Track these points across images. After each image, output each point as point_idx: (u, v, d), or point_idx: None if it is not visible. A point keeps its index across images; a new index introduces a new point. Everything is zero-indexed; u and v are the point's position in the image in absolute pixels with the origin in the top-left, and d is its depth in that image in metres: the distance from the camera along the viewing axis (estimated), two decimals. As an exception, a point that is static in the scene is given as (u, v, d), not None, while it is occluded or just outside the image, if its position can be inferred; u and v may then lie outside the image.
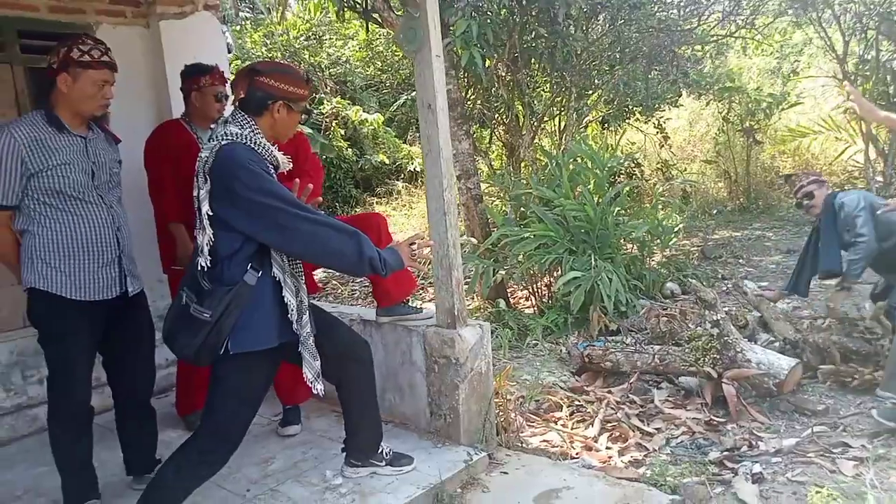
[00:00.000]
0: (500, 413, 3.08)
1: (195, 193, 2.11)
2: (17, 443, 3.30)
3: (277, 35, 9.94)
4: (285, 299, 2.13)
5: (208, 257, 2.08)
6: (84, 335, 2.37)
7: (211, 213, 2.04)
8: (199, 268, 2.10)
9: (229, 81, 3.01)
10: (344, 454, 2.67)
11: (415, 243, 2.30)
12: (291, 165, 2.32)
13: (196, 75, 3.24)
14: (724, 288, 5.54)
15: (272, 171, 2.14)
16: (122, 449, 2.67)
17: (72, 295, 2.33)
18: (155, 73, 3.79)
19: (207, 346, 2.05)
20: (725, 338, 3.46)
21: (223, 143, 2.06)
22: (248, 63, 2.26)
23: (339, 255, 2.08)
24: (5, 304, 3.37)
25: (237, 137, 2.07)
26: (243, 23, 10.91)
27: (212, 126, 3.34)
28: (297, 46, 9.83)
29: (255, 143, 2.09)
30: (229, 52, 10.16)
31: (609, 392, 3.68)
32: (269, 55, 9.64)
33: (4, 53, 3.34)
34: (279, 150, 2.23)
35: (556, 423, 3.38)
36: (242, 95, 2.16)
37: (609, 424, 3.33)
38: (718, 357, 3.45)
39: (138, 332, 2.56)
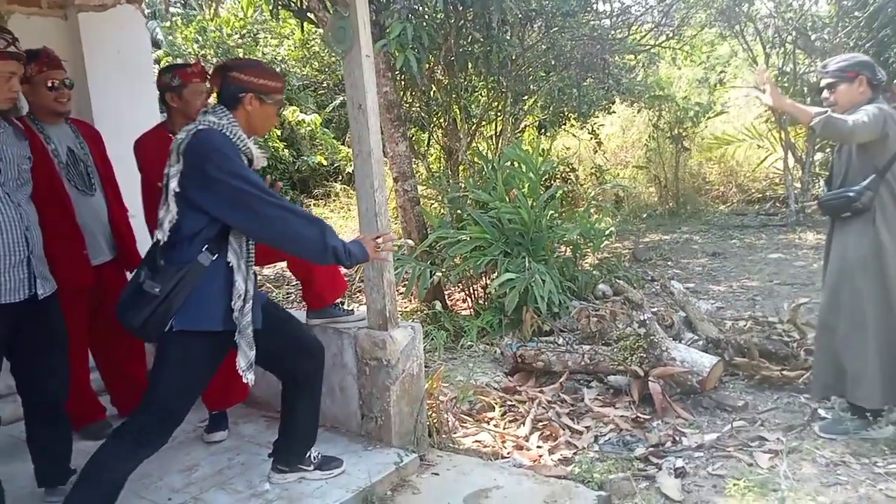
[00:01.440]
0: (433, 414, 3.08)
1: (165, 171, 2.16)
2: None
3: (210, 32, 9.68)
4: (236, 284, 2.16)
5: (167, 233, 2.13)
6: None
7: (178, 191, 2.09)
8: (156, 243, 2.17)
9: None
10: (271, 460, 2.62)
11: (380, 237, 2.38)
12: (265, 162, 2.37)
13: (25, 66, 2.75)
14: (654, 289, 5.71)
15: (245, 162, 2.20)
16: (33, 459, 2.52)
17: None
18: (73, 67, 3.60)
19: (154, 320, 2.11)
20: (651, 337, 3.56)
21: (200, 127, 2.13)
22: (221, 61, 2.43)
23: (303, 241, 2.15)
24: None
25: (214, 125, 2.15)
26: (173, 18, 10.59)
27: (66, 121, 3.05)
28: (231, 44, 9.58)
29: (230, 132, 2.17)
30: (159, 48, 9.85)
31: (541, 392, 3.73)
32: (202, 52, 9.37)
33: None
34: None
35: (488, 423, 3.41)
36: (216, 91, 2.25)
37: (540, 424, 3.38)
38: (645, 356, 3.56)
39: (50, 336, 2.42)
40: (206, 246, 2.12)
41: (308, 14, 5.55)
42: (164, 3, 11.20)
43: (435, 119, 7.28)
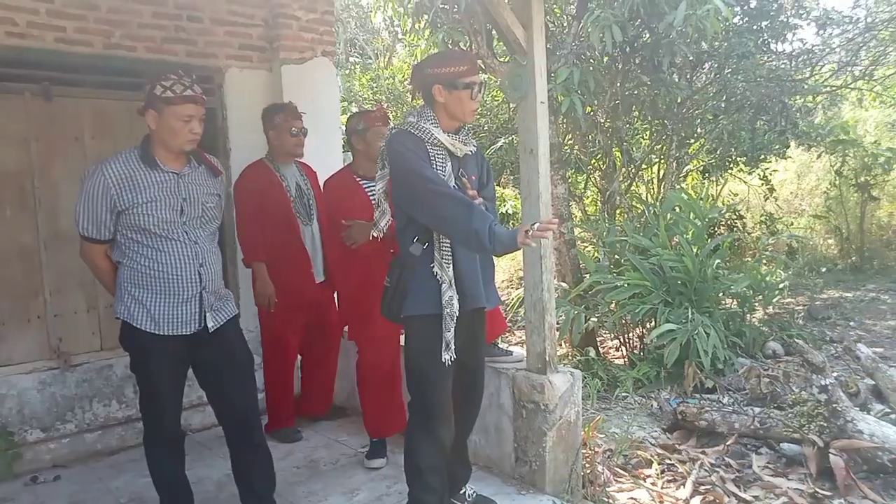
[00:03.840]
0: (587, 465, 3.01)
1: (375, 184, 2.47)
2: (125, 452, 3.48)
3: (383, 79, 10.37)
4: (433, 269, 2.29)
5: (382, 231, 2.45)
6: (166, 366, 2.37)
7: (385, 191, 2.41)
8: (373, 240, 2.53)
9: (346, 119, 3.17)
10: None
11: (536, 223, 2.14)
12: (473, 148, 2.45)
13: (271, 114, 3.45)
14: (833, 351, 5.19)
15: (437, 153, 2.29)
16: (235, 480, 2.58)
17: (150, 328, 2.33)
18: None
19: (393, 309, 2.39)
20: (834, 405, 3.24)
21: (394, 130, 2.37)
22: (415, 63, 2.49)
23: (450, 222, 2.20)
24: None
25: (406, 125, 2.34)
26: (352, 67, 11.47)
27: (294, 162, 3.53)
28: (402, 90, 10.19)
29: (417, 129, 2.31)
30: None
31: (703, 453, 3.51)
32: (375, 98, 10.06)
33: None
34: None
35: (644, 480, 3.26)
36: (419, 93, 2.40)
37: (702, 487, 3.17)
38: (825, 425, 3.24)
39: (229, 360, 2.49)
40: (416, 237, 2.30)
41: (477, 61, 5.78)
42: (345, 53, 12.18)
43: (594, 161, 7.22)
